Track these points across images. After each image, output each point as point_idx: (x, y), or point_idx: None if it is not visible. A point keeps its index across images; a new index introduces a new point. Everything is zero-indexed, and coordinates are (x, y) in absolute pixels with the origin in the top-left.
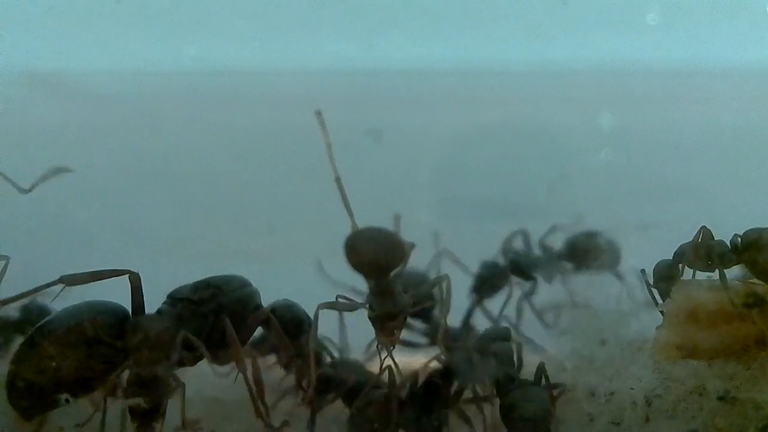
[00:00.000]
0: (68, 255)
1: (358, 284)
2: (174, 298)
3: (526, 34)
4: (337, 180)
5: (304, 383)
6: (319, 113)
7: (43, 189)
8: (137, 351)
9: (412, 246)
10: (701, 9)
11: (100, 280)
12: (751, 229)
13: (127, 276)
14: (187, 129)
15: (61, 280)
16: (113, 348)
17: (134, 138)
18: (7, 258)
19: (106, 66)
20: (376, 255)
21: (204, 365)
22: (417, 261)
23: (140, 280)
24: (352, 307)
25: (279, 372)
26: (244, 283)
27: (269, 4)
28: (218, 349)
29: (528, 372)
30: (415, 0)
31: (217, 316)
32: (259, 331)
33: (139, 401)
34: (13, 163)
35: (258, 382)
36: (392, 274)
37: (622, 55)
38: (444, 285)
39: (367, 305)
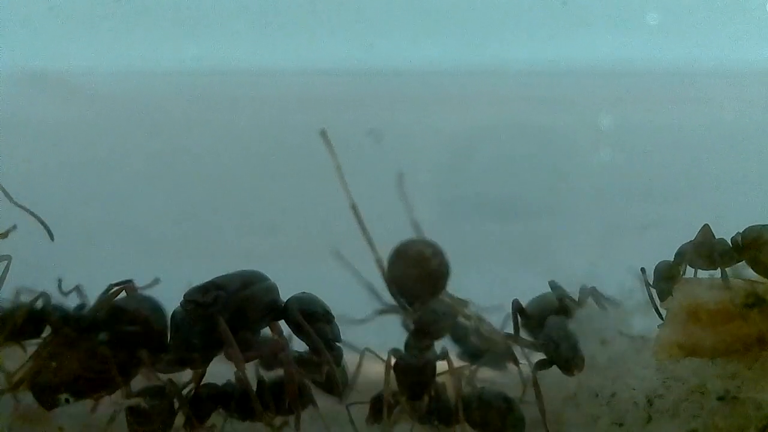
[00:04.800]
0: (68, 255)
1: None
2: (186, 301)
3: (526, 34)
4: (353, 207)
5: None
6: (324, 133)
7: (43, 189)
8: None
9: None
10: (701, 9)
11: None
12: (750, 227)
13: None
14: (188, 129)
15: None
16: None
17: (134, 138)
18: (9, 258)
19: (107, 66)
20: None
21: None
22: None
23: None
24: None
25: None
26: (249, 281)
27: (269, 4)
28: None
29: None
30: (415, 0)
31: (228, 316)
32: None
33: (139, 401)
34: (12, 162)
35: (290, 377)
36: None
37: (622, 55)
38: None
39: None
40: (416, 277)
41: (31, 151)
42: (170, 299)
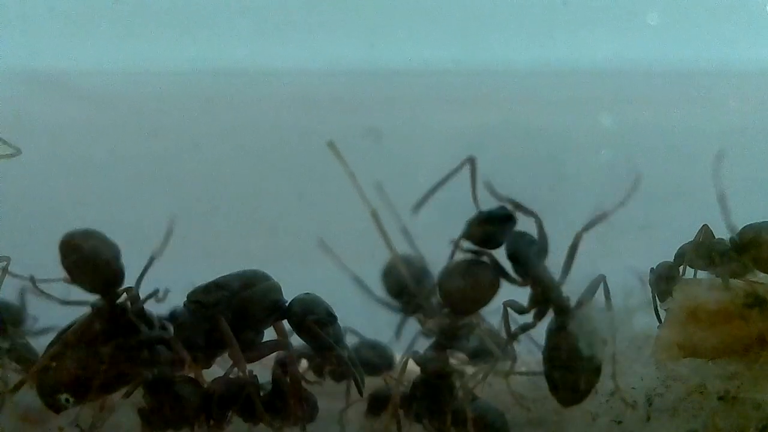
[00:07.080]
0: None
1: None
2: (189, 301)
3: (526, 34)
4: (373, 213)
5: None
6: (332, 144)
7: (43, 189)
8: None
9: None
10: (701, 9)
11: None
12: (747, 226)
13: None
14: (187, 129)
15: None
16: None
17: (134, 138)
18: (7, 258)
19: (106, 66)
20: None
21: None
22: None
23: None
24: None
25: None
26: (252, 281)
27: (269, 4)
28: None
29: None
30: (415, 0)
31: (231, 316)
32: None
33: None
34: (12, 162)
35: (294, 377)
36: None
37: (622, 55)
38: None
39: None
40: (473, 299)
41: (31, 151)
42: (172, 299)
